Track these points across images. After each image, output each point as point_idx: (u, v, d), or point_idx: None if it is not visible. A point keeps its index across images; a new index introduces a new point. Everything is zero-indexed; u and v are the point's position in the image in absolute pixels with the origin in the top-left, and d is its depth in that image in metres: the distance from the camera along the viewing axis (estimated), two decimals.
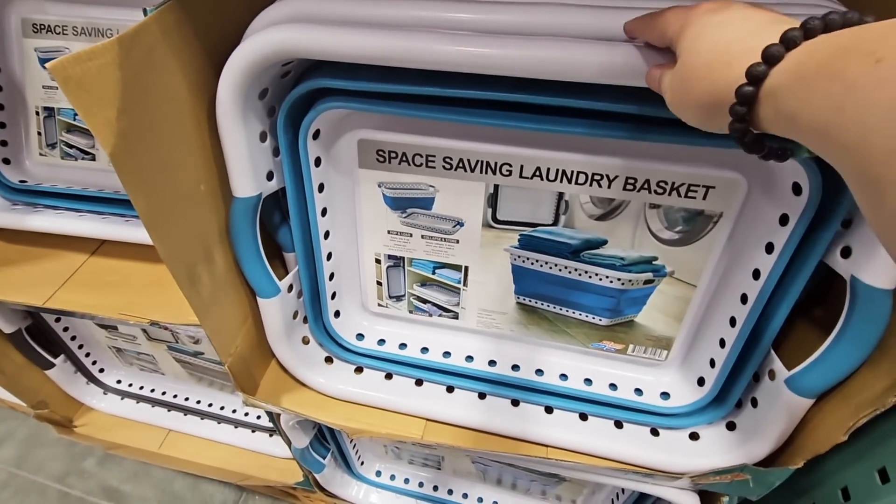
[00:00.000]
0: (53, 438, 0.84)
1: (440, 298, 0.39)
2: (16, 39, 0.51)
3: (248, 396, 0.40)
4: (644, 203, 0.31)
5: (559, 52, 0.23)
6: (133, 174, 0.25)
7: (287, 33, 0.25)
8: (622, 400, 0.38)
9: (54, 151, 0.54)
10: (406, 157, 0.33)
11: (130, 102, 0.23)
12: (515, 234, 0.34)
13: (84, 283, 0.51)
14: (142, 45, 0.24)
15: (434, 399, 0.41)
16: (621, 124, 0.27)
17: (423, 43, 0.24)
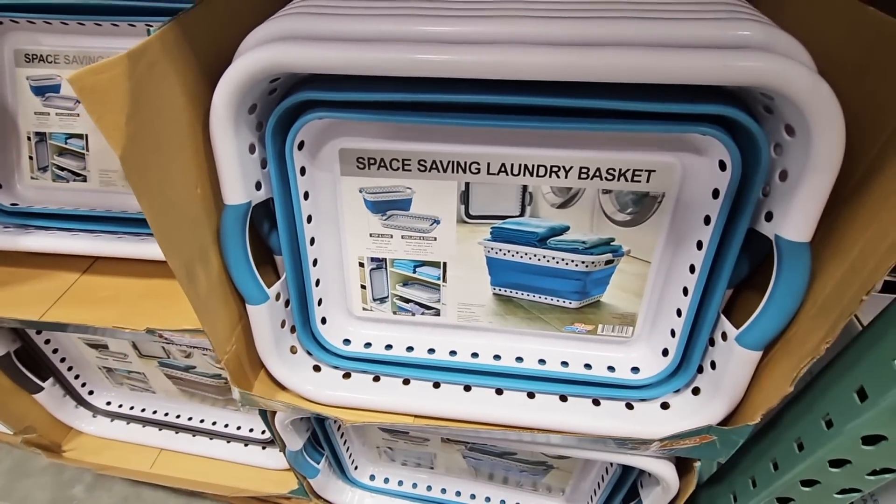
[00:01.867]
0: (39, 467, 0.81)
1: (422, 296, 0.42)
2: (8, 70, 0.53)
3: (244, 392, 0.41)
4: (598, 189, 0.35)
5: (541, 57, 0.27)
6: (139, 174, 0.28)
7: (278, 50, 0.29)
8: (597, 377, 0.41)
9: (46, 174, 0.55)
10: (384, 162, 0.36)
11: (136, 109, 0.26)
12: (487, 227, 0.38)
13: (77, 300, 0.52)
14: (146, 60, 0.27)
15: (422, 396, 0.42)
16: (572, 118, 0.32)
17: (403, 53, 0.28)
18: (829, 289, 0.30)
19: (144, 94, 0.27)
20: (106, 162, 0.55)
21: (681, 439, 0.37)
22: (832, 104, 0.26)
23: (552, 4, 0.32)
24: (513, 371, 0.41)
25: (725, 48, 0.27)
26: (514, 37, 0.28)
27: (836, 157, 0.27)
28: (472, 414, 0.41)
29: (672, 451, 0.39)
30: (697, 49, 0.27)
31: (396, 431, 0.56)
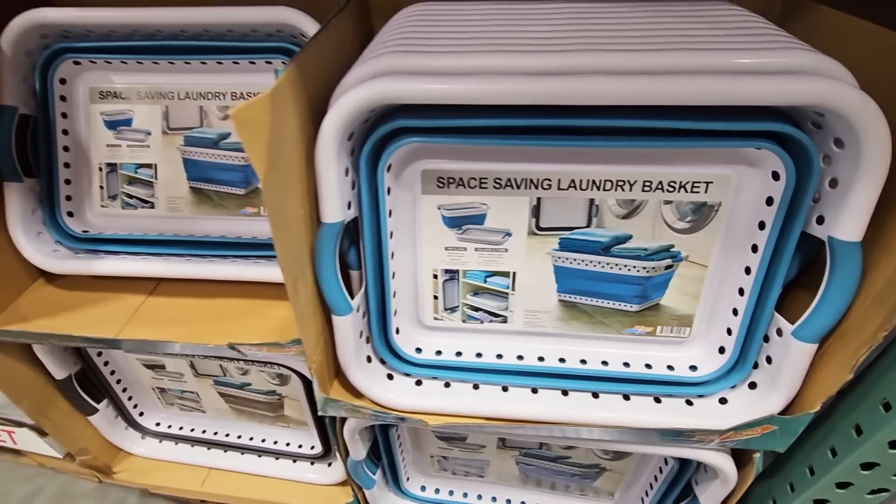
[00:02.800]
0: (83, 492, 0.82)
1: (491, 305, 0.45)
2: (83, 106, 0.58)
3: (331, 399, 0.44)
4: (660, 200, 0.39)
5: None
6: (272, 196, 0.31)
7: (386, 84, 0.32)
8: (657, 376, 0.43)
9: (115, 202, 0.59)
10: (463, 181, 0.40)
11: (272, 139, 0.29)
12: (556, 238, 0.41)
13: (148, 320, 0.55)
14: (279, 97, 0.30)
15: (491, 399, 0.45)
16: (638, 137, 0.35)
17: (499, 84, 0.32)
18: (881, 282, 0.33)
19: (276, 126, 0.30)
20: (173, 189, 0.59)
21: (743, 430, 0.40)
22: (880, 119, 0.30)
23: (623, 39, 0.36)
24: (577, 372, 0.44)
25: (785, 73, 0.31)
26: (595, 67, 0.32)
27: (884, 165, 0.31)
28: (541, 414, 0.44)
29: (734, 442, 0.41)
30: (762, 75, 0.31)
31: (453, 439, 0.58)
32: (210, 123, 0.57)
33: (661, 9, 0.43)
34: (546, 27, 0.40)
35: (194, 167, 0.58)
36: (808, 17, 0.44)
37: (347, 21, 0.47)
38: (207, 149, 0.57)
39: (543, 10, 0.44)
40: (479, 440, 0.57)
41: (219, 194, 0.58)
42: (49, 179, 0.57)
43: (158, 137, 0.58)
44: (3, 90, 0.54)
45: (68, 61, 0.56)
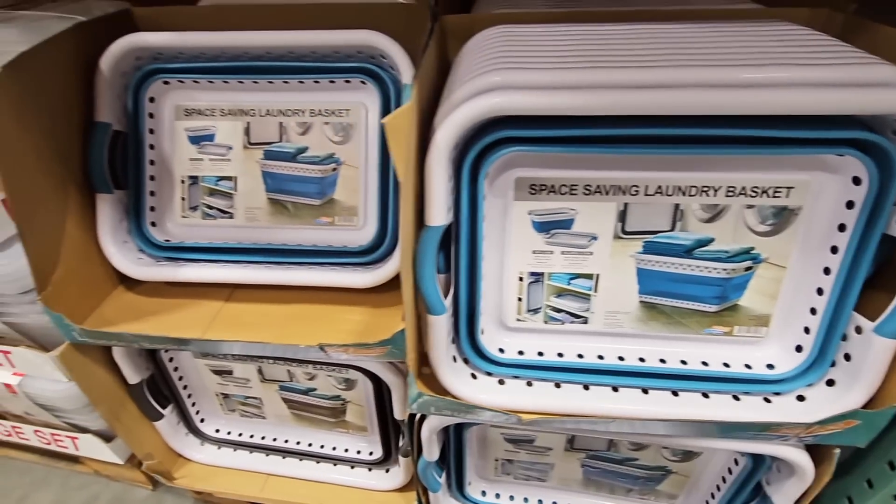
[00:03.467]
0: (138, 499, 0.84)
1: (573, 306, 0.47)
2: (168, 123, 0.61)
3: (430, 395, 0.45)
4: (742, 205, 0.41)
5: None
6: (405, 193, 0.34)
7: (500, 97, 0.35)
8: (735, 374, 0.45)
9: (196, 213, 0.62)
10: (554, 187, 0.42)
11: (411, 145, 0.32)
12: (640, 241, 0.44)
13: (228, 325, 0.58)
14: (412, 108, 0.33)
15: (573, 397, 0.47)
16: (725, 145, 0.38)
17: (607, 97, 0.34)
18: None
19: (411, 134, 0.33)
20: (251, 200, 0.62)
21: (828, 424, 0.41)
22: None
23: (705, 55, 0.39)
24: (657, 371, 0.46)
25: (868, 86, 0.34)
26: (694, 81, 0.35)
27: None
28: (622, 412, 0.46)
29: (815, 437, 0.43)
30: (848, 87, 0.33)
31: (521, 441, 0.59)
32: (289, 138, 0.60)
33: (731, 29, 0.46)
34: (625, 46, 0.43)
35: (273, 179, 0.61)
36: (870, 35, 0.47)
37: (432, 43, 0.51)
38: (286, 162, 0.61)
39: (616, 30, 0.47)
40: (547, 442, 0.59)
41: (295, 205, 0.61)
42: (136, 191, 0.61)
43: (239, 151, 0.61)
44: (99, 108, 0.57)
45: (158, 81, 0.60)
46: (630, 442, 0.56)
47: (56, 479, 0.87)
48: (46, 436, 0.78)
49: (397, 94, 0.56)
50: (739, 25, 0.48)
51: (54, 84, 0.53)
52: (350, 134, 0.59)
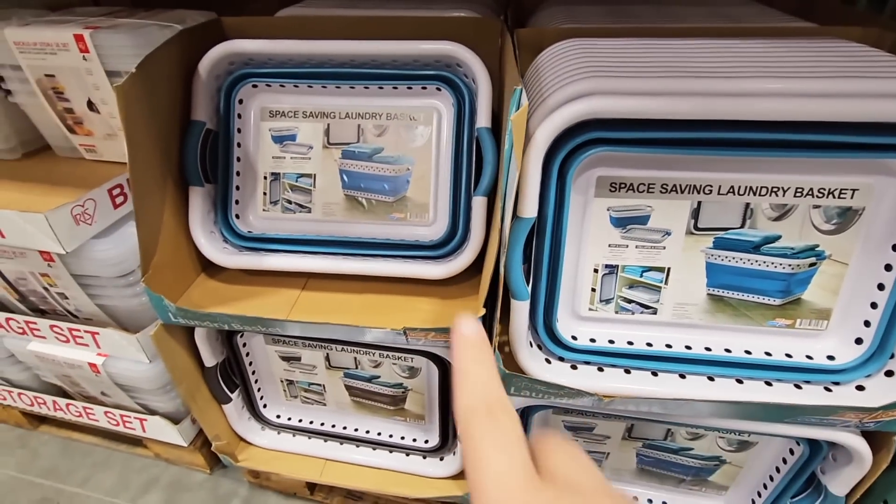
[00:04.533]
0: (196, 482, 0.87)
1: (643, 297, 0.51)
2: (254, 123, 0.66)
3: (510, 373, 0.49)
4: (809, 205, 0.45)
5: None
6: (513, 185, 0.38)
7: (595, 102, 0.40)
8: (797, 363, 0.48)
9: (276, 207, 0.67)
10: (633, 186, 0.46)
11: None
12: (711, 237, 0.47)
13: (307, 310, 0.61)
14: (526, 108, 0.37)
15: (643, 383, 0.50)
16: (796, 149, 0.42)
17: (697, 103, 0.38)
18: None
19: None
20: (329, 196, 0.66)
21: (890, 410, 0.44)
22: None
23: (785, 67, 0.43)
24: (723, 359, 0.49)
25: None
26: (778, 91, 0.39)
27: None
28: (690, 397, 0.49)
29: (878, 423, 0.46)
30: None
31: (581, 429, 0.63)
32: (366, 139, 0.65)
33: (790, 44, 0.50)
34: (696, 59, 0.47)
35: (349, 177, 0.66)
36: None
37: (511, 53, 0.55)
38: (362, 161, 0.65)
39: (684, 44, 0.52)
40: (607, 430, 0.62)
41: (369, 201, 0.66)
42: (224, 186, 0.65)
43: (319, 151, 0.66)
44: (196, 107, 0.63)
45: (248, 85, 0.65)
46: (687, 431, 0.59)
47: (117, 461, 0.91)
48: (116, 417, 0.82)
49: (471, 100, 0.61)
50: (797, 41, 0.52)
51: (162, 84, 0.58)
52: (423, 136, 0.64)
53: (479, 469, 0.18)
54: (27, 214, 0.55)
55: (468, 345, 0.21)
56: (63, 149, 0.76)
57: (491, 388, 0.20)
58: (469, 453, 0.19)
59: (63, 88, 0.67)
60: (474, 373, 0.20)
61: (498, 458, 0.18)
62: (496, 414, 0.19)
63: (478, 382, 0.20)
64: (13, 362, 0.82)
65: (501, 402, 0.20)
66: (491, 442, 0.18)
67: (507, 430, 0.19)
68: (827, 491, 0.54)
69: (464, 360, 0.21)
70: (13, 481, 0.88)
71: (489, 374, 0.20)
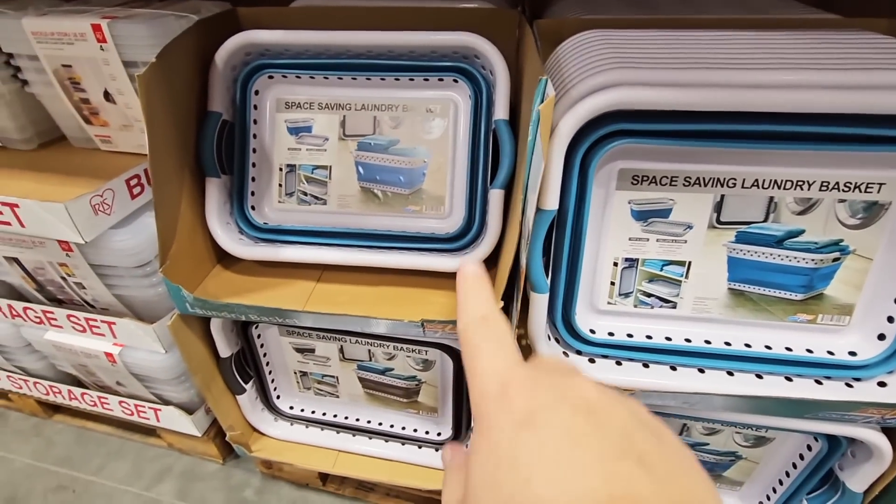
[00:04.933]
0: (209, 472, 0.88)
1: (663, 291, 0.50)
2: (269, 114, 0.66)
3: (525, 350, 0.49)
4: (834, 199, 0.44)
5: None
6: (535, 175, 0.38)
7: (622, 92, 0.39)
8: (818, 359, 0.48)
9: (292, 199, 0.67)
10: (655, 179, 0.46)
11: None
12: (733, 231, 0.47)
13: (323, 302, 0.61)
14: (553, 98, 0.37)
15: (661, 377, 0.50)
16: (820, 143, 0.41)
17: (723, 94, 0.38)
18: None
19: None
20: (344, 188, 0.66)
21: None
22: None
23: (812, 58, 0.42)
24: (743, 354, 0.49)
25: None
26: (803, 82, 0.38)
27: None
28: (709, 391, 0.49)
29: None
30: None
31: None
32: (382, 131, 0.65)
33: (816, 35, 0.49)
34: (720, 50, 0.46)
35: (365, 169, 0.65)
36: None
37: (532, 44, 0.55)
38: (378, 153, 0.65)
39: (707, 36, 0.51)
40: None
41: (385, 193, 0.65)
42: (240, 177, 0.65)
43: (335, 142, 0.66)
44: (212, 98, 0.62)
45: (264, 76, 0.65)
46: (703, 426, 0.59)
47: (131, 451, 0.92)
48: (130, 407, 0.83)
49: (488, 92, 0.60)
50: (823, 32, 0.51)
51: (180, 75, 0.58)
52: (439, 128, 0.63)
53: (473, 357, 0.20)
54: (47, 204, 0.55)
55: (468, 277, 0.24)
56: (78, 139, 0.76)
57: (486, 304, 0.22)
58: (465, 352, 0.21)
59: (79, 79, 0.67)
60: (473, 297, 0.23)
61: (488, 346, 0.20)
62: (489, 319, 0.21)
63: (475, 302, 0.23)
64: (29, 351, 0.83)
65: (494, 311, 0.22)
66: (483, 337, 0.21)
67: (498, 329, 0.21)
68: (845, 487, 0.53)
69: (464, 290, 0.23)
70: (29, 468, 0.89)
71: (486, 296, 0.23)
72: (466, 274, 0.24)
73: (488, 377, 0.19)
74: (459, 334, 0.22)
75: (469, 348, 0.21)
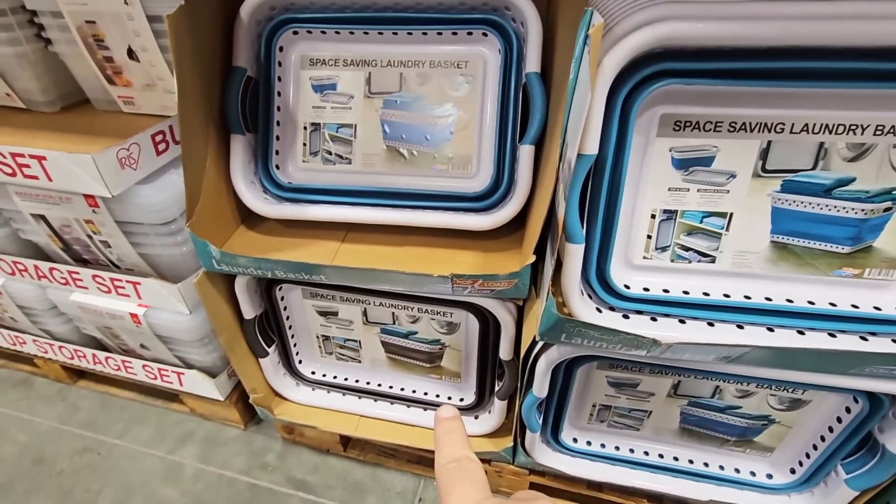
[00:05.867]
0: (231, 437, 0.89)
1: (702, 245, 0.49)
2: (294, 71, 0.65)
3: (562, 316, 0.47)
4: (890, 144, 0.42)
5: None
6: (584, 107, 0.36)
7: (671, 26, 0.37)
8: (864, 314, 0.46)
9: (316, 158, 0.66)
10: (699, 124, 0.44)
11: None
12: (779, 180, 0.45)
13: (349, 260, 0.60)
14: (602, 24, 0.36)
15: (699, 333, 0.49)
16: (874, 81, 0.39)
17: (779, 27, 0.36)
18: None
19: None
20: (369, 147, 0.65)
21: None
22: None
23: None
24: (784, 309, 0.48)
25: None
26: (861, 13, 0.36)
27: None
28: (750, 344, 0.47)
29: None
30: None
31: (624, 385, 0.62)
32: (409, 88, 0.63)
33: None
34: None
35: (391, 127, 0.64)
36: None
37: None
38: (404, 111, 0.63)
39: None
40: (652, 387, 0.60)
41: (411, 152, 0.64)
42: (265, 135, 0.65)
43: (360, 100, 0.65)
44: (237, 53, 0.61)
45: (288, 31, 0.63)
46: (737, 389, 0.57)
47: (153, 416, 0.93)
48: (154, 370, 0.83)
49: (518, 46, 0.59)
50: None
51: (205, 27, 0.57)
52: (468, 85, 0.62)
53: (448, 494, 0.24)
54: (75, 156, 0.55)
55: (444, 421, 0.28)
56: (101, 101, 0.76)
57: (459, 448, 0.26)
58: (441, 491, 0.25)
59: (103, 36, 0.66)
60: (448, 441, 0.27)
61: (461, 485, 0.24)
62: (463, 462, 0.25)
63: (451, 446, 0.27)
64: (55, 314, 0.83)
65: (468, 455, 0.26)
66: (458, 477, 0.25)
67: (472, 471, 0.25)
68: (885, 449, 0.52)
69: (439, 433, 0.28)
70: (56, 431, 0.91)
71: (459, 440, 0.27)
72: (441, 418, 0.28)
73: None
74: (436, 475, 0.26)
75: (444, 487, 0.24)
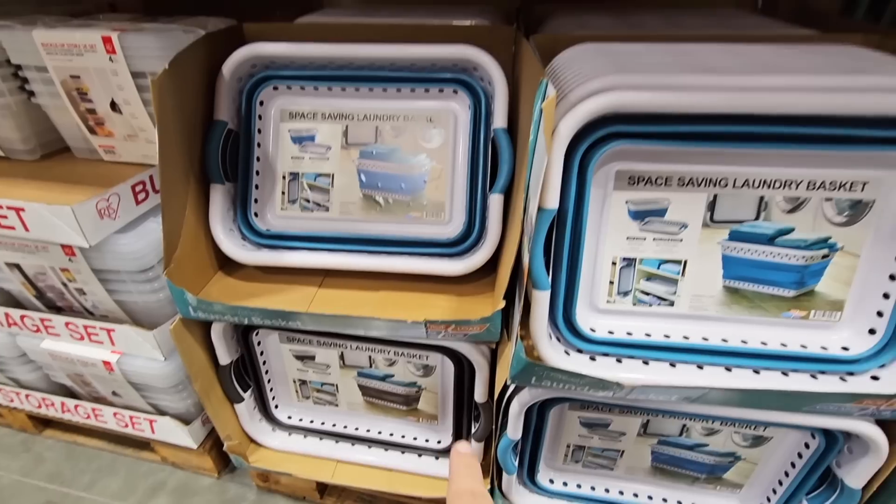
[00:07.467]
0: (204, 486, 0.86)
1: (660, 290, 0.52)
2: (273, 124, 0.67)
3: (531, 361, 0.49)
4: (821, 198, 0.46)
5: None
6: (538, 172, 0.39)
7: (619, 96, 0.41)
8: (813, 354, 0.49)
9: (294, 206, 0.68)
10: (651, 179, 0.48)
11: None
12: (726, 229, 0.49)
13: (326, 306, 0.61)
14: (555, 97, 0.39)
15: (661, 373, 0.51)
16: (806, 143, 0.44)
17: (719, 97, 0.40)
18: None
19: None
20: (346, 195, 0.67)
21: None
22: None
23: (796, 66, 0.45)
24: (739, 350, 0.50)
25: None
26: (790, 85, 0.41)
27: None
28: (709, 385, 0.49)
29: (892, 410, 0.47)
30: None
31: (596, 425, 0.63)
32: (384, 140, 0.66)
33: (798, 48, 0.52)
34: (708, 59, 0.49)
35: (367, 176, 0.67)
36: None
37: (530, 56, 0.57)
38: (380, 161, 0.66)
39: (693, 48, 0.54)
40: (622, 426, 0.62)
41: (387, 200, 0.67)
42: (245, 184, 0.67)
43: (337, 151, 0.67)
44: (218, 108, 0.64)
45: (269, 87, 0.67)
46: (703, 427, 0.59)
47: (122, 466, 0.90)
48: (125, 418, 0.81)
49: (486, 103, 0.63)
50: (804, 45, 0.54)
51: (188, 84, 0.60)
52: (440, 137, 0.65)
53: None
54: (55, 207, 0.56)
55: (462, 455, 0.31)
56: (82, 150, 0.78)
57: (475, 481, 0.29)
58: None
59: (87, 89, 0.68)
60: (465, 472, 0.29)
61: None
62: (476, 494, 0.28)
63: (468, 478, 0.29)
64: (24, 362, 0.82)
65: (483, 492, 0.28)
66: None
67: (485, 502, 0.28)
68: (843, 485, 0.54)
69: (456, 463, 0.30)
70: (18, 485, 0.87)
71: (476, 474, 0.30)
72: (461, 451, 0.31)
73: None
74: (449, 500, 0.28)
75: None
